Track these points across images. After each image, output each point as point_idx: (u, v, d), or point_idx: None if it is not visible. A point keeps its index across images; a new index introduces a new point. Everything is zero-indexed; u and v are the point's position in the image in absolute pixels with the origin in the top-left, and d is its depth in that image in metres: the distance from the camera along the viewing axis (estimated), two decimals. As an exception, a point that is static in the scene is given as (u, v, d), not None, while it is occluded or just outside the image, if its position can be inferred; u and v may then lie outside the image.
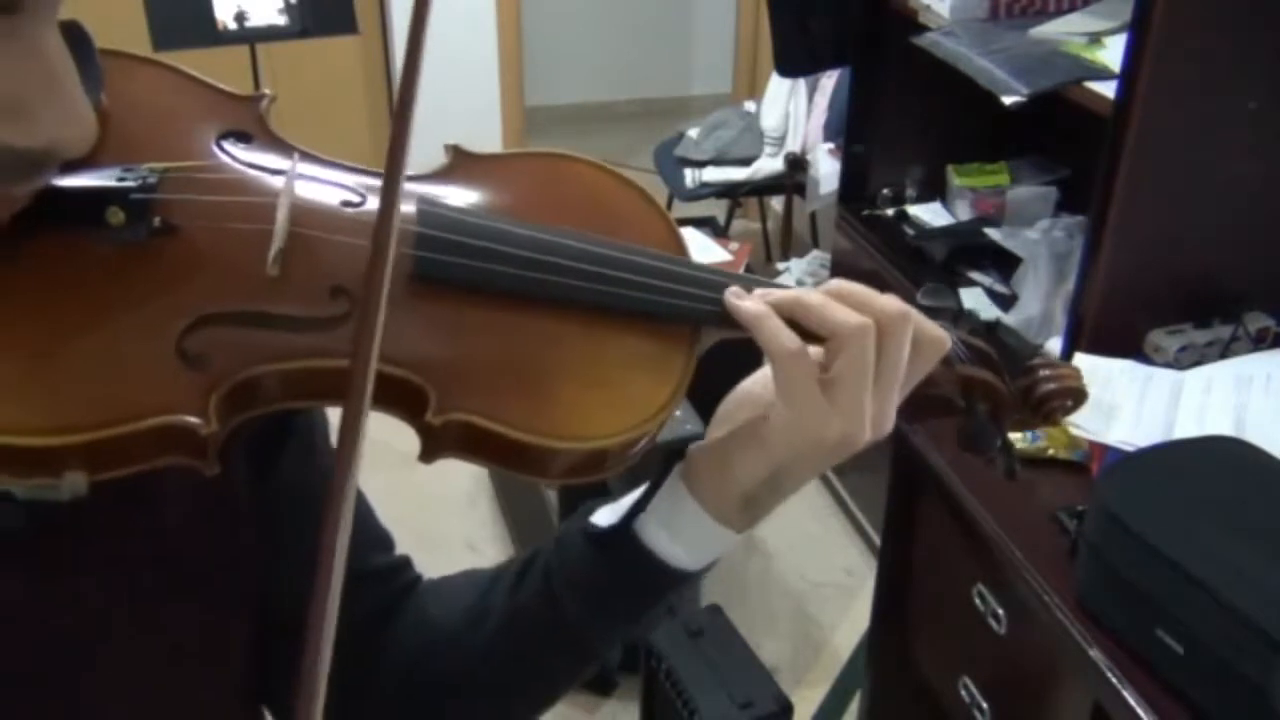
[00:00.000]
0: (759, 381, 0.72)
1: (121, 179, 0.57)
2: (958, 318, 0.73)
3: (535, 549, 0.76)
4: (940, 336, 0.66)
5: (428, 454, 0.59)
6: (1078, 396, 0.73)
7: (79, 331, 0.55)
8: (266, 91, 0.66)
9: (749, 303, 0.63)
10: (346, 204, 0.62)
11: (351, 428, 0.49)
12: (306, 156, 0.64)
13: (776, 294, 0.64)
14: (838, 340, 0.61)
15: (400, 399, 0.58)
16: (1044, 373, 0.73)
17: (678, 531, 0.69)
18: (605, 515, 0.72)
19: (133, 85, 0.63)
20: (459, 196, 0.66)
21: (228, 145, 0.63)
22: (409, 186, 0.64)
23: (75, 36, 0.57)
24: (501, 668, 0.76)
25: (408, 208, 0.62)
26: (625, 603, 0.72)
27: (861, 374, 0.61)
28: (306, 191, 0.62)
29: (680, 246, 0.68)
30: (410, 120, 0.53)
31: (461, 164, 0.68)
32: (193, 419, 0.54)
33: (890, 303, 0.63)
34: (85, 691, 0.65)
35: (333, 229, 0.60)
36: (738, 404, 0.71)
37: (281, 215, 0.59)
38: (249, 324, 0.57)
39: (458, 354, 0.60)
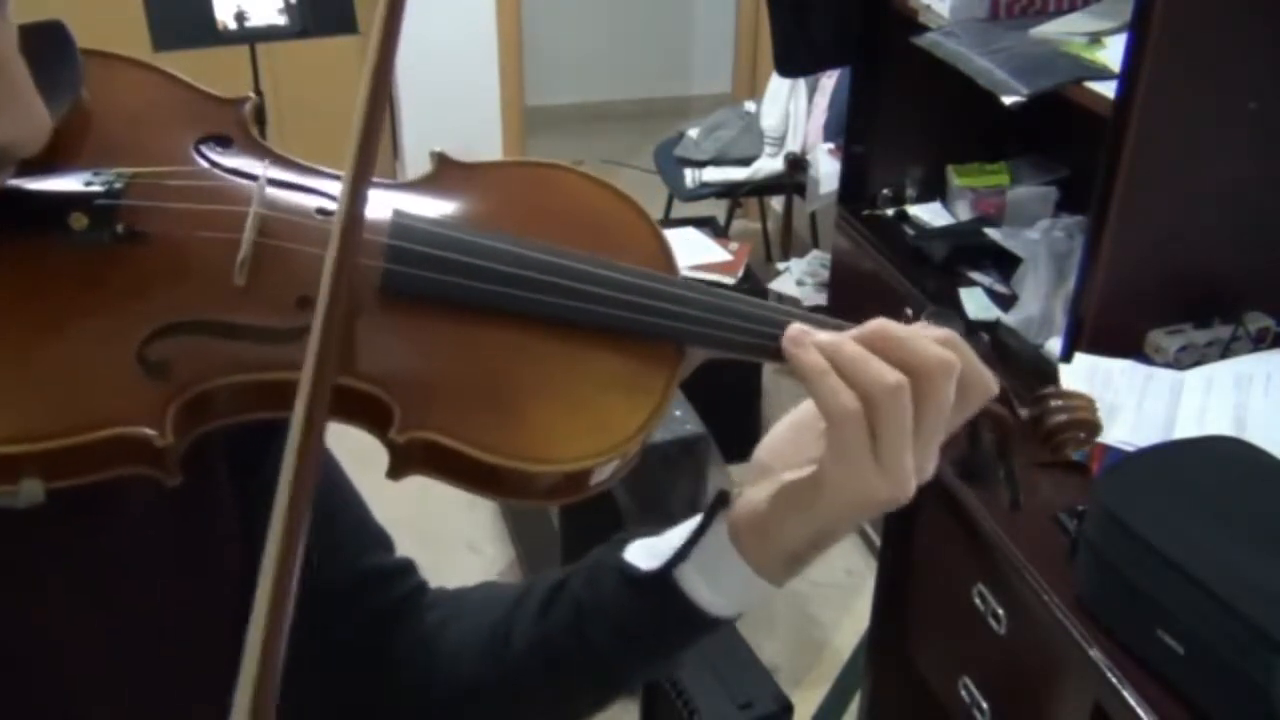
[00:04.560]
0: (792, 429, 0.70)
1: (88, 183, 0.56)
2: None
3: (564, 575, 0.74)
4: (987, 380, 0.63)
5: (395, 471, 0.57)
6: (1091, 429, 0.70)
7: (38, 337, 0.54)
8: (250, 95, 0.66)
9: (811, 356, 0.60)
10: (321, 211, 0.61)
11: (305, 444, 0.48)
12: (282, 162, 0.63)
13: (815, 337, 0.61)
14: (872, 402, 0.59)
15: (364, 414, 0.57)
16: (1055, 403, 0.69)
17: (718, 582, 0.68)
18: (640, 553, 0.71)
19: (115, 86, 0.63)
20: (439, 206, 0.64)
21: (206, 150, 0.62)
22: (387, 195, 0.63)
23: (56, 37, 0.57)
24: (522, 691, 0.75)
25: (381, 217, 0.60)
26: (655, 642, 0.71)
27: (899, 435, 0.59)
28: (279, 200, 0.60)
29: (668, 261, 0.65)
30: (377, 132, 0.52)
31: (445, 172, 0.66)
32: (149, 430, 0.53)
33: (932, 352, 0.59)
34: (59, 693, 0.65)
35: (301, 239, 0.59)
36: (772, 453, 0.69)
37: (249, 224, 0.58)
38: (212, 334, 0.56)
39: (425, 370, 0.59)
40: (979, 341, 0.66)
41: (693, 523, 0.69)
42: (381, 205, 0.61)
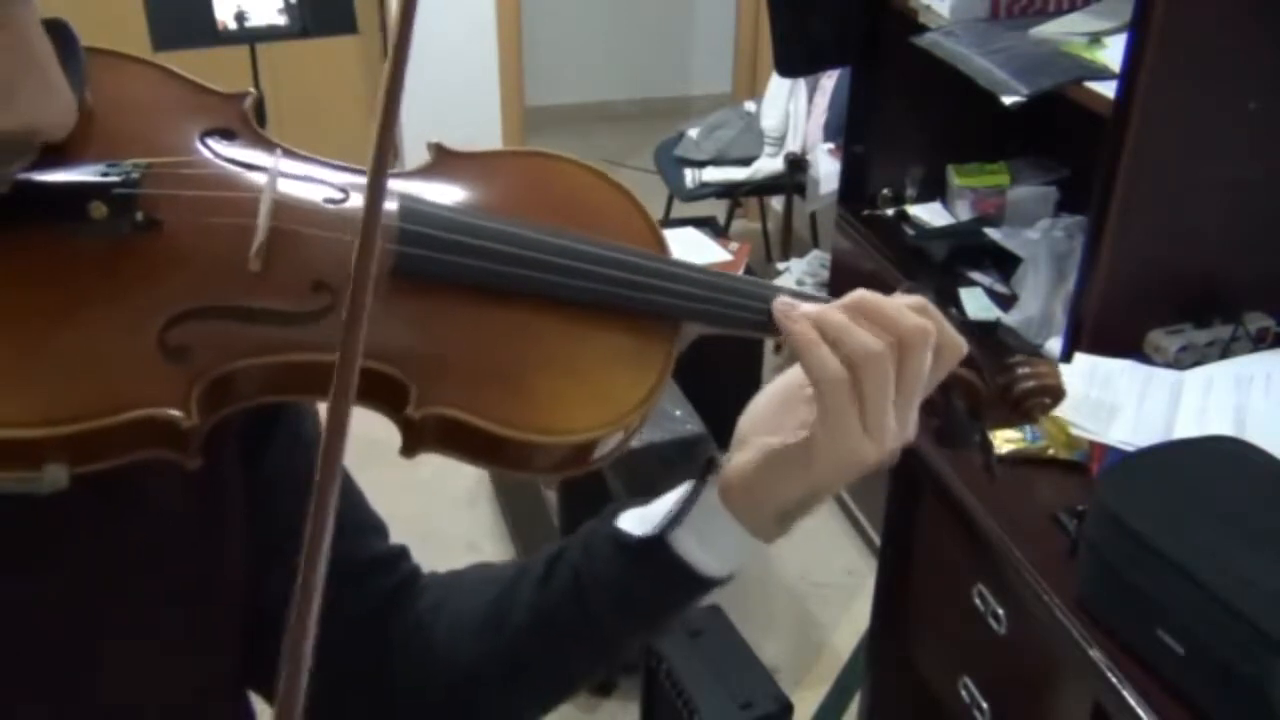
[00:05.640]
0: (775, 398, 0.72)
1: (105, 174, 0.58)
2: None
3: (559, 548, 0.76)
4: (958, 342, 0.66)
5: (408, 448, 0.59)
6: (1055, 394, 0.74)
7: (62, 324, 0.55)
8: (250, 90, 0.67)
9: (801, 326, 0.63)
10: (329, 200, 0.62)
11: (337, 424, 0.49)
12: (289, 153, 0.65)
13: (802, 308, 0.64)
14: (856, 367, 0.62)
15: (380, 393, 0.59)
16: (1022, 370, 0.73)
17: (710, 542, 0.70)
18: (633, 521, 0.73)
19: (119, 83, 0.64)
20: (441, 193, 0.66)
21: (211, 142, 0.64)
22: (391, 184, 0.64)
23: (61, 35, 0.58)
24: (523, 663, 0.76)
25: (389, 204, 0.62)
26: (653, 606, 0.73)
27: (882, 398, 0.62)
28: (289, 187, 0.62)
29: (661, 244, 0.68)
30: (395, 119, 0.54)
31: (444, 161, 0.68)
32: (174, 412, 0.54)
33: (911, 320, 0.63)
34: (76, 685, 0.66)
35: (314, 224, 0.61)
36: (755, 421, 0.71)
37: (263, 210, 0.59)
38: (230, 318, 0.57)
39: (438, 348, 0.61)
40: (950, 318, 0.69)
41: (684, 488, 0.71)
42: (387, 192, 0.63)
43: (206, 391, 0.55)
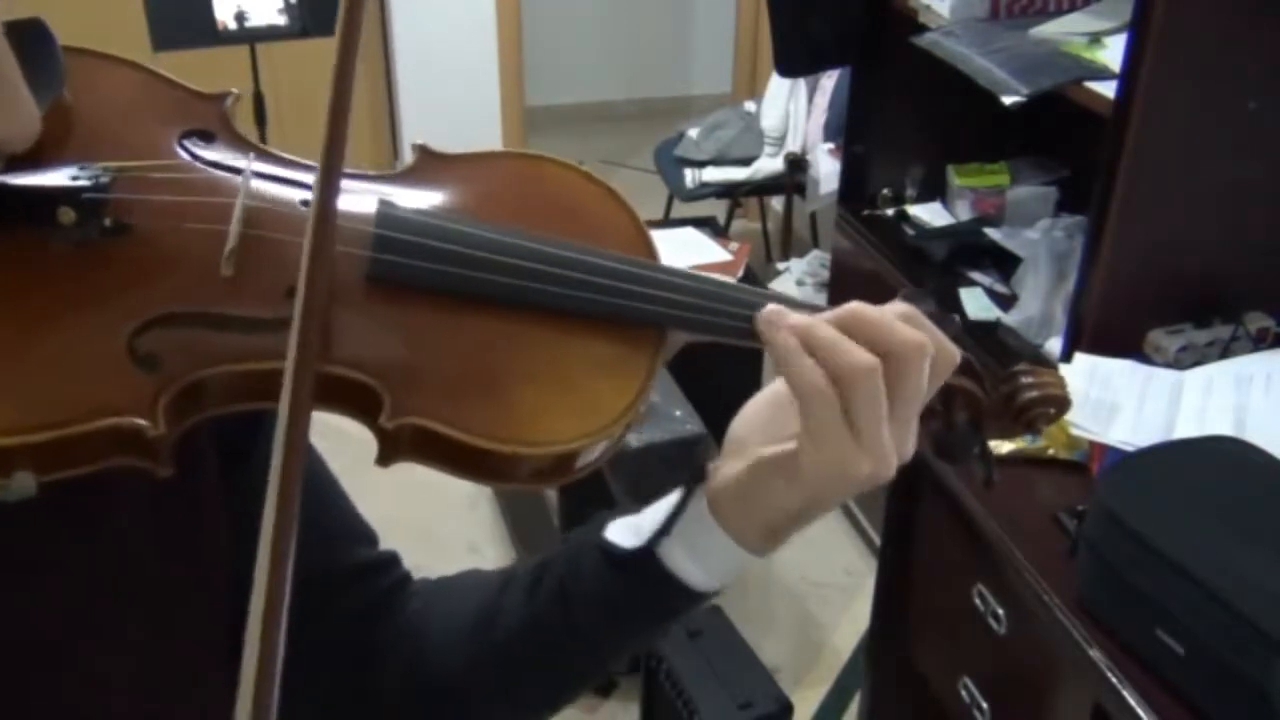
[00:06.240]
0: (769, 404, 0.70)
1: (75, 178, 0.57)
2: (937, 322, 0.69)
3: (547, 556, 0.75)
4: (952, 351, 0.64)
5: (384, 458, 0.58)
6: (1060, 404, 0.71)
7: (28, 331, 0.54)
8: (232, 90, 0.66)
9: (783, 335, 0.61)
10: (305, 204, 0.61)
11: (293, 434, 0.48)
12: (265, 156, 0.64)
13: (790, 319, 0.63)
14: (847, 382, 0.60)
15: (354, 402, 0.58)
16: (1025, 380, 0.71)
17: (699, 554, 0.68)
18: (621, 531, 0.71)
19: (97, 83, 0.63)
20: (422, 197, 0.65)
21: (189, 144, 0.63)
22: (371, 186, 0.64)
23: (37, 34, 0.57)
24: (510, 673, 0.75)
25: (366, 209, 0.61)
26: (642, 619, 0.72)
27: (874, 412, 0.60)
28: (264, 191, 0.61)
29: (649, 249, 0.67)
30: (346, 118, 0.53)
31: (427, 164, 0.67)
32: (141, 421, 0.53)
33: (905, 335, 0.61)
34: (62, 691, 0.65)
35: (288, 230, 0.59)
36: (749, 427, 0.70)
37: (235, 216, 0.58)
38: (202, 325, 0.56)
39: (414, 357, 0.59)
40: (952, 324, 0.67)
41: (673, 498, 0.70)
42: (366, 196, 0.62)
43: (175, 400, 0.54)
